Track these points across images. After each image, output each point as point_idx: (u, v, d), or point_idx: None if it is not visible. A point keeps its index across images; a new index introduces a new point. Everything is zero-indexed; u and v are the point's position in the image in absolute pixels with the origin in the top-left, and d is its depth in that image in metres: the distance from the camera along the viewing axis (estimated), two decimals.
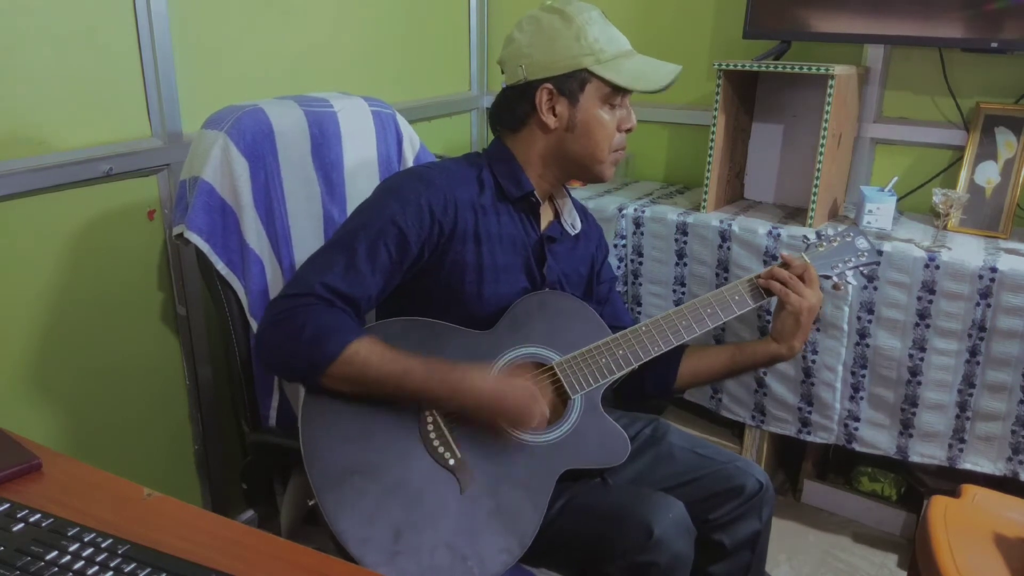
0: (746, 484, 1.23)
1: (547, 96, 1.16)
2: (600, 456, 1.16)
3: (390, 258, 1.10)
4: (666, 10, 2.21)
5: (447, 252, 1.15)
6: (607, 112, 1.17)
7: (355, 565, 0.73)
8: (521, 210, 1.23)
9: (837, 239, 1.31)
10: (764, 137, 2.06)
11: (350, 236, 1.10)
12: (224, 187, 1.25)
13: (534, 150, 1.21)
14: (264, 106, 1.30)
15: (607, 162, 1.21)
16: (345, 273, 1.07)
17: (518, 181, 1.21)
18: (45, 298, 1.40)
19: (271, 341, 1.05)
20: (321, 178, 1.39)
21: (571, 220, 1.30)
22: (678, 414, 2.20)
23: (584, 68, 1.14)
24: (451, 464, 1.07)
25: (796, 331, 1.22)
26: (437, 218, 1.13)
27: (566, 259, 1.29)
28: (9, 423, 0.97)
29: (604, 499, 1.15)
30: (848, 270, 1.29)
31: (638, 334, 1.20)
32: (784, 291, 1.21)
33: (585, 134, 1.18)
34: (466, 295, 1.17)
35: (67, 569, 0.67)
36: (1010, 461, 1.67)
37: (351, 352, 1.02)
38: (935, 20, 1.74)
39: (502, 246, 1.19)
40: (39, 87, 1.34)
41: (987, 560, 1.18)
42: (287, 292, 1.07)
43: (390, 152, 1.51)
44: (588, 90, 1.16)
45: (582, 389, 1.17)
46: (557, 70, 1.15)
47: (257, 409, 1.32)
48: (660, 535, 1.05)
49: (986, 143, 1.81)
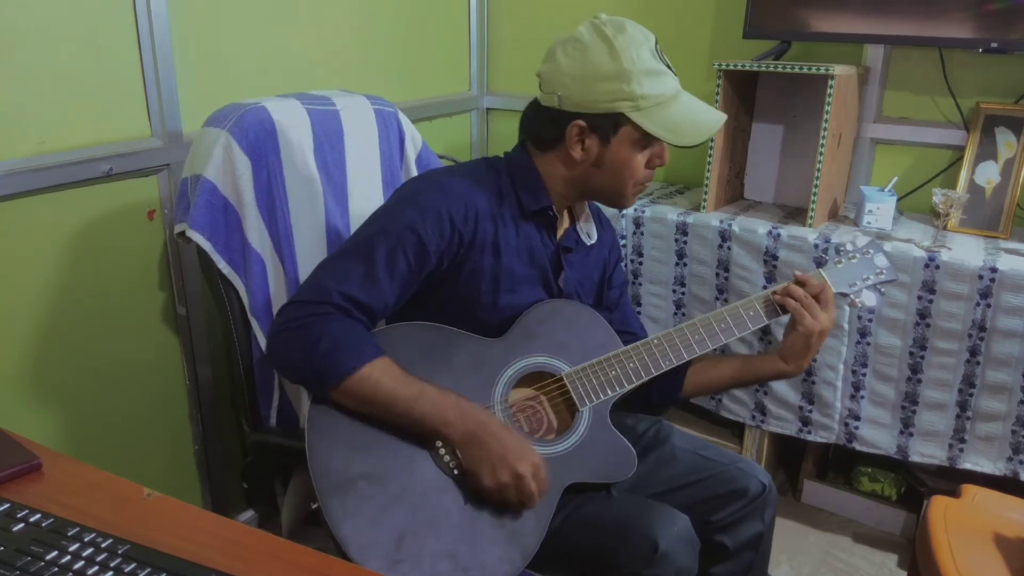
0: (749, 486, 1.23)
1: (577, 132, 1.13)
2: (606, 471, 1.15)
3: (409, 267, 1.09)
4: (666, 10, 2.21)
5: (465, 262, 1.14)
6: (639, 152, 1.14)
7: (355, 565, 0.73)
8: (539, 222, 1.21)
9: (856, 256, 1.28)
10: (764, 137, 2.06)
11: (368, 243, 1.08)
12: (226, 185, 1.25)
13: (557, 172, 1.19)
14: (266, 104, 1.30)
15: (629, 195, 1.18)
16: (363, 282, 1.06)
17: (536, 195, 1.19)
18: (45, 298, 1.40)
19: (286, 347, 1.04)
20: (324, 176, 1.38)
21: (587, 229, 1.29)
22: (678, 414, 2.20)
23: (621, 112, 1.10)
24: (456, 473, 1.06)
25: (806, 352, 1.20)
26: (457, 228, 1.11)
27: (581, 267, 1.28)
28: (9, 423, 0.97)
29: (608, 510, 1.14)
30: (865, 288, 1.27)
31: (650, 347, 1.19)
32: (799, 311, 1.19)
33: (612, 172, 1.15)
34: (481, 305, 1.16)
35: (67, 569, 0.67)
36: (1010, 461, 1.67)
37: (366, 372, 1.02)
38: (935, 20, 1.74)
39: (520, 257, 1.18)
40: (39, 87, 1.34)
41: (987, 560, 1.18)
42: (304, 298, 1.05)
43: (392, 150, 1.51)
44: (622, 133, 1.12)
45: (591, 402, 1.16)
46: (593, 109, 1.11)
47: (258, 409, 1.32)
48: (665, 549, 1.04)
49: (986, 143, 1.81)
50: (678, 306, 1.95)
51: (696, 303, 1.92)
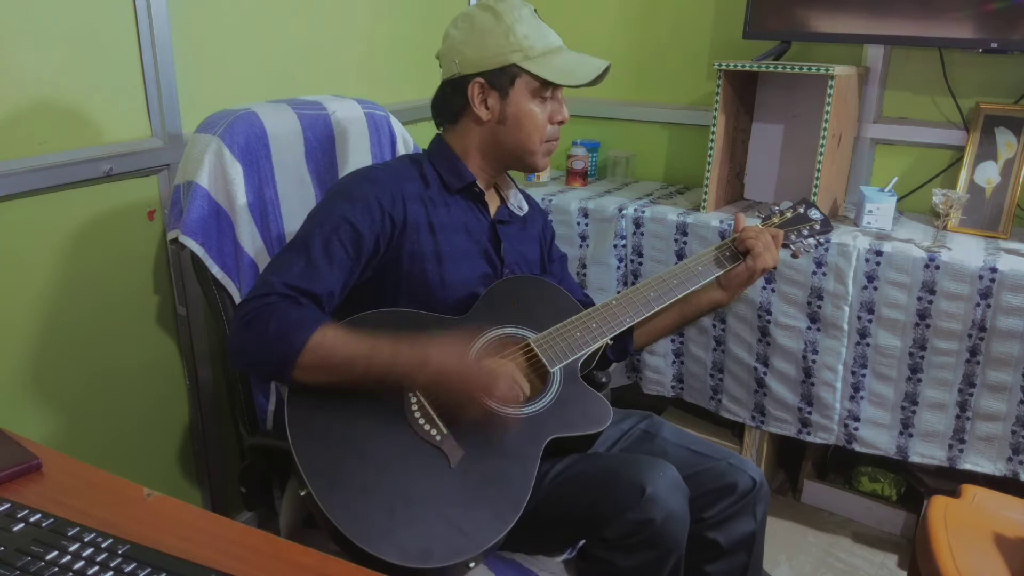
0: (739, 481, 1.23)
1: (479, 90, 1.21)
2: (584, 423, 1.18)
3: (346, 253, 1.14)
4: (666, 10, 2.21)
5: (403, 244, 1.19)
6: (538, 105, 1.23)
7: (355, 565, 0.73)
8: (468, 199, 1.28)
9: (789, 212, 1.37)
10: (764, 137, 2.06)
11: (305, 237, 1.14)
12: (218, 191, 1.25)
13: (471, 142, 1.26)
14: (257, 109, 1.31)
15: (539, 152, 1.26)
16: (304, 271, 1.11)
17: (458, 173, 1.26)
18: (45, 298, 1.40)
19: (241, 343, 1.07)
20: (315, 181, 1.39)
21: (517, 203, 1.36)
22: (677, 413, 2.20)
23: (513, 63, 1.20)
24: (437, 440, 1.08)
25: (747, 282, 1.28)
26: (387, 211, 1.17)
27: (518, 240, 1.34)
28: (9, 423, 0.97)
29: (596, 465, 1.18)
30: (804, 239, 1.35)
31: (610, 307, 1.25)
32: (757, 246, 1.26)
33: (516, 126, 1.23)
34: (430, 284, 1.21)
35: (67, 569, 0.67)
36: (1010, 461, 1.67)
37: (317, 340, 1.04)
38: (935, 20, 1.75)
39: (457, 234, 1.24)
40: (39, 87, 1.34)
41: (987, 560, 1.18)
42: (251, 295, 1.09)
43: (384, 154, 1.52)
44: (518, 84, 1.21)
45: (559, 362, 1.20)
46: (488, 65, 1.20)
47: (255, 412, 1.32)
48: (652, 492, 1.06)
49: (986, 143, 1.81)
50: None
51: None
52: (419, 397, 1.11)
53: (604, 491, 1.11)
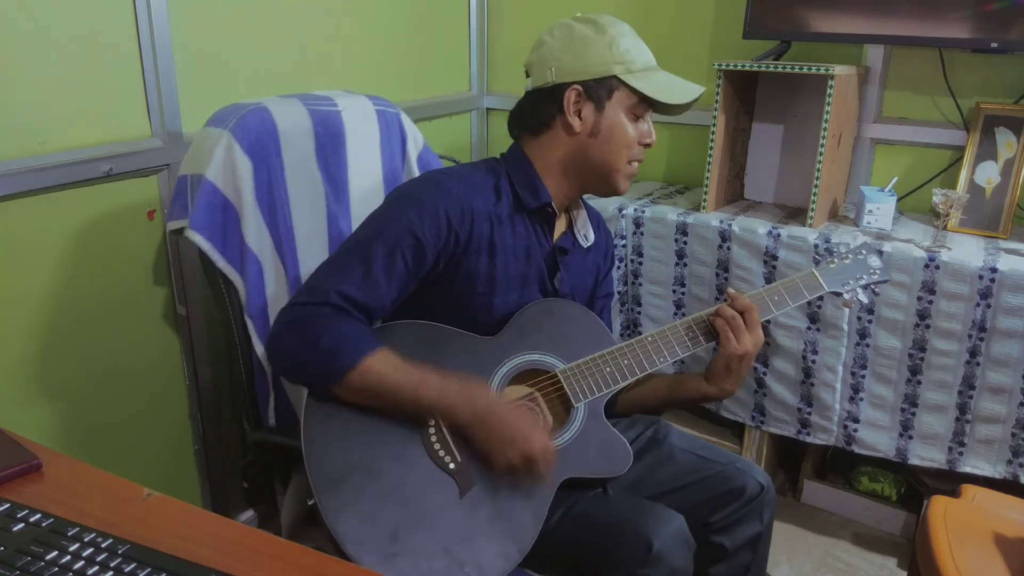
0: (747, 486, 1.23)
1: (575, 97, 1.17)
2: (601, 466, 1.15)
3: (406, 267, 1.10)
4: (666, 10, 2.21)
5: (462, 263, 1.15)
6: (631, 122, 1.19)
7: (354, 565, 0.73)
8: (536, 221, 1.22)
9: (849, 256, 1.31)
10: (764, 137, 2.06)
11: (366, 244, 1.09)
12: (227, 185, 1.25)
13: (554, 155, 1.20)
14: (268, 104, 1.30)
15: (624, 172, 1.21)
16: (361, 282, 1.07)
17: (535, 191, 1.20)
18: (45, 298, 1.40)
19: (285, 347, 1.05)
20: (325, 177, 1.38)
21: (584, 231, 1.30)
22: (678, 414, 2.20)
23: (614, 75, 1.16)
24: (451, 468, 1.07)
25: (726, 375, 1.20)
26: (454, 228, 1.12)
27: (577, 269, 1.29)
28: (9, 423, 0.97)
29: (604, 508, 1.15)
30: (859, 287, 1.29)
31: (644, 344, 1.20)
32: (724, 331, 1.19)
33: (607, 140, 1.18)
34: (477, 305, 1.17)
35: (67, 569, 0.67)
36: (1010, 464, 1.67)
37: (368, 363, 1.02)
38: (935, 20, 1.75)
39: (516, 258, 1.19)
40: (39, 87, 1.34)
41: (987, 560, 1.18)
42: (302, 299, 1.06)
43: (394, 151, 1.51)
44: (615, 97, 1.17)
45: (585, 398, 1.17)
46: (587, 75, 1.16)
47: (259, 408, 1.32)
48: (659, 549, 1.04)
49: (986, 143, 1.81)
50: (678, 306, 1.95)
51: (696, 303, 1.92)
52: (438, 422, 1.09)
53: (610, 538, 1.09)
